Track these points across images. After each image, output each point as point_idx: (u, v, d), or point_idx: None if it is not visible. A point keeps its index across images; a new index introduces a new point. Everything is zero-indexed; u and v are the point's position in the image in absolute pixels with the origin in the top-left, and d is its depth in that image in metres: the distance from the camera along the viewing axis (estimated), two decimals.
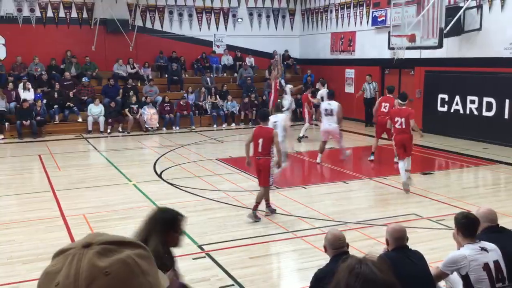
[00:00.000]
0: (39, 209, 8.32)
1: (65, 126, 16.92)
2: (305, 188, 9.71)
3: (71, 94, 17.45)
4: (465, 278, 3.88)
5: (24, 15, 18.61)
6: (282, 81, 21.02)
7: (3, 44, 18.34)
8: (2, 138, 15.79)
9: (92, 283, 0.86)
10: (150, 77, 19.37)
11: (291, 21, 22.74)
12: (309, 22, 22.32)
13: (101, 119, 16.89)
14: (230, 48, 21.41)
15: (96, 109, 17.05)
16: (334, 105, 11.71)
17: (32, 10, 18.73)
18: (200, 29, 21.17)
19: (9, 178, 11.14)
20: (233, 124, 18.60)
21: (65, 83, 17.81)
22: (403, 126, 9.27)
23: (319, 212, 8.03)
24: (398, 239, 3.96)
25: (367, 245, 6.46)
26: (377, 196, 9.12)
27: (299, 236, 6.92)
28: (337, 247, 3.93)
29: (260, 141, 7.70)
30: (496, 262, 3.86)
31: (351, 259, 1.70)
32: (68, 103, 17.18)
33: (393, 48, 15.32)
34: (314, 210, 8.15)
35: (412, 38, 14.04)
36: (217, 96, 19.08)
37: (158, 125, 17.59)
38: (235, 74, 20.94)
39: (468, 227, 4.01)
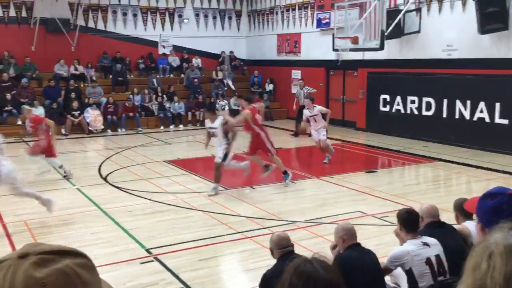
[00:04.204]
0: None
1: (3, 129, 16.17)
2: (253, 188, 9.76)
3: (9, 95, 16.74)
4: (409, 273, 4.01)
5: None
6: (230, 82, 21.10)
7: None
8: None
9: None
10: (94, 78, 18.88)
11: (238, 22, 22.79)
12: (255, 23, 22.45)
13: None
14: (177, 49, 21.21)
15: (35, 111, 16.40)
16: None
17: None
18: (145, 29, 20.84)
19: None
20: (181, 126, 18.42)
21: (3, 84, 17.06)
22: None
23: (267, 212, 8.09)
24: (351, 237, 4.06)
25: (315, 243, 6.57)
26: (324, 195, 9.29)
27: (248, 237, 6.95)
28: (283, 247, 3.99)
29: None
30: (437, 257, 4.02)
31: (298, 259, 1.73)
32: (7, 105, 16.47)
33: (337, 50, 15.66)
34: (262, 210, 8.20)
35: (355, 40, 14.40)
36: (164, 97, 18.85)
37: (102, 127, 17.17)
38: (182, 75, 20.76)
39: (410, 222, 4.16)
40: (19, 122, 16.43)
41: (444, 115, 14.23)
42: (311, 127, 11.85)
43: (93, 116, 17.07)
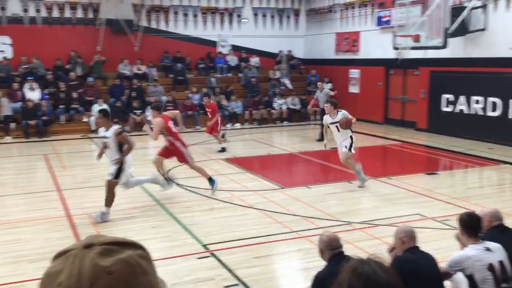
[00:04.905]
0: (45, 208, 8.37)
1: (70, 126, 16.99)
2: (309, 188, 9.72)
3: (76, 94, 17.53)
4: (470, 279, 3.89)
5: (30, 15, 18.70)
6: (287, 81, 21.10)
7: (9, 44, 18.44)
8: (11, 138, 15.88)
9: (95, 282, 0.87)
10: (155, 77, 19.43)
11: (296, 21, 22.75)
12: (314, 22, 22.32)
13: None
14: (235, 49, 21.46)
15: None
16: None
17: (38, 11, 18.81)
18: (205, 29, 21.22)
19: (15, 177, 11.20)
20: (238, 124, 18.62)
21: (71, 83, 17.89)
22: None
23: (323, 212, 8.04)
24: (411, 240, 3.98)
25: (371, 245, 6.47)
26: (381, 196, 9.12)
27: (303, 236, 6.94)
28: (334, 248, 3.95)
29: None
30: (500, 263, 3.87)
31: (354, 260, 1.71)
32: (73, 103, 17.27)
33: (397, 48, 15.31)
34: (318, 210, 8.16)
35: (416, 38, 14.02)
36: (222, 96, 19.12)
37: None
38: (240, 74, 20.97)
39: (472, 227, 4.02)
40: (85, 119, 17.16)
41: (510, 116, 13.59)
42: (334, 138, 9.64)
43: None
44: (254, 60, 21.38)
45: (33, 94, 16.89)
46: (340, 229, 6.95)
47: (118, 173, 7.69)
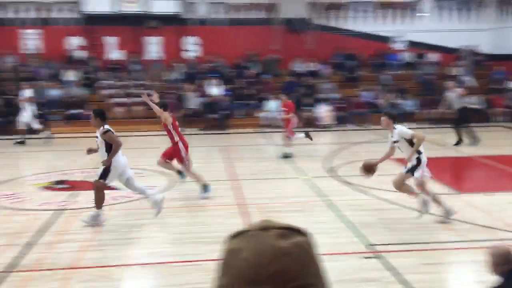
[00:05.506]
0: (221, 196, 9.01)
1: (246, 120, 18.04)
2: (488, 195, 8.90)
3: (252, 91, 18.57)
4: None
5: (216, 17, 20.32)
6: (469, 78, 19.53)
7: (198, 44, 20.31)
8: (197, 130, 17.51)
9: (275, 260, 0.94)
10: (327, 75, 19.60)
11: (481, 14, 20.92)
12: (503, 13, 20.28)
13: (275, 115, 17.67)
14: (411, 44, 20.58)
15: (272, 105, 17.86)
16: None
17: (224, 12, 20.36)
18: (378, 24, 20.74)
19: (196, 166, 12.25)
20: (414, 124, 17.81)
21: (248, 80, 19.00)
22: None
23: (504, 222, 7.30)
24: None
25: None
26: None
27: (479, 247, 6.39)
28: (509, 262, 3.62)
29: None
30: None
31: None
32: (249, 99, 18.34)
33: None
34: (497, 220, 7.44)
35: None
36: (395, 94, 18.51)
37: (332, 122, 17.74)
38: (415, 71, 20.04)
39: None
40: (262, 114, 17.99)
41: None
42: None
43: (323, 111, 17.75)
44: (432, 56, 20.24)
45: (215, 90, 18.32)
46: None
47: (104, 174, 7.36)
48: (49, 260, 6.14)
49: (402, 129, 7.32)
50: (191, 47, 20.38)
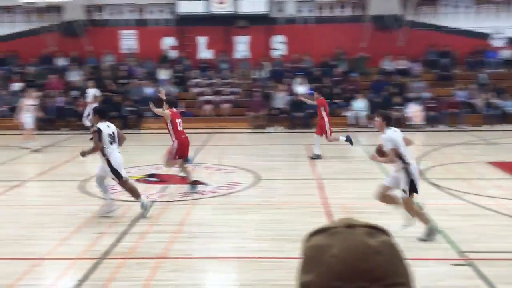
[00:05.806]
0: (305, 194, 9.00)
1: (333, 119, 17.77)
2: None
3: (338, 89, 18.32)
4: None
5: (303, 15, 20.29)
6: None
7: (284, 43, 20.41)
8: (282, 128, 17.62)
9: (367, 258, 0.93)
10: (418, 73, 18.89)
11: None
12: None
13: (363, 114, 17.33)
14: (510, 41, 19.29)
15: (359, 104, 17.54)
16: None
17: (310, 11, 20.29)
18: (475, 20, 19.63)
19: (281, 163, 12.34)
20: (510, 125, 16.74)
21: (335, 78, 18.78)
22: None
23: None
24: None
25: None
26: None
27: None
28: None
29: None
30: None
31: None
32: (336, 98, 18.11)
33: None
34: None
35: None
36: (493, 94, 17.45)
37: (423, 122, 17.07)
38: None
39: None
40: (348, 114, 17.71)
41: None
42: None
43: (414, 111, 17.13)
44: None
45: (301, 88, 18.30)
46: None
47: (116, 174, 7.57)
48: (140, 249, 6.47)
49: (388, 137, 6.53)
50: (278, 45, 20.51)
